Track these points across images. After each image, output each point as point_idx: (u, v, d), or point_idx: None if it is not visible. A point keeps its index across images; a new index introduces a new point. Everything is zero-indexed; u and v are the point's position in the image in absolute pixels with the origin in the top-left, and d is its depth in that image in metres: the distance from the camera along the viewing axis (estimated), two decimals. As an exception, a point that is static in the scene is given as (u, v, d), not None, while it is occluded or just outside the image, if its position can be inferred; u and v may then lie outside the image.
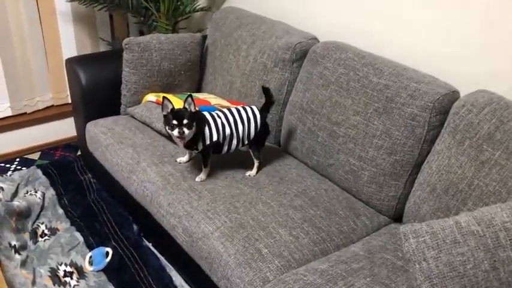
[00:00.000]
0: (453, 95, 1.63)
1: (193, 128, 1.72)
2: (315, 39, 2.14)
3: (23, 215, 2.12)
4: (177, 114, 1.69)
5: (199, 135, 1.76)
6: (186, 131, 1.69)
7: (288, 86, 2.12)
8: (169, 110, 1.71)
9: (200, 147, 1.79)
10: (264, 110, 1.91)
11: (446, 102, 1.62)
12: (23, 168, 2.65)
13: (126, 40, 2.21)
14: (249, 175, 1.91)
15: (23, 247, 1.98)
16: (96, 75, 2.32)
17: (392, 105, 1.69)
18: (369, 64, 1.82)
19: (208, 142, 1.78)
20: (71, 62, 2.33)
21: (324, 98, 1.91)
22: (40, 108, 2.88)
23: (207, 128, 1.77)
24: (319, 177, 1.95)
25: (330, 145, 1.88)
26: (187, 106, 1.71)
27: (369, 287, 1.37)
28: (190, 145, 1.79)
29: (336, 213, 1.74)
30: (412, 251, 1.19)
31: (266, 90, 1.89)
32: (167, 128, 1.72)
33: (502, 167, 1.40)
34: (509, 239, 1.17)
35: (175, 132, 1.69)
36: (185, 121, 1.68)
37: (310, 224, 1.65)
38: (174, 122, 1.68)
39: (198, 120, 1.74)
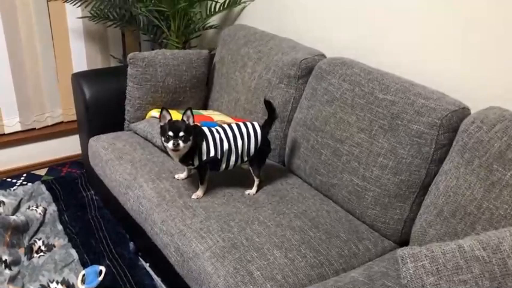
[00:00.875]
0: (463, 112, 1.53)
1: (189, 142, 1.66)
2: (322, 55, 2.08)
3: (19, 229, 2.08)
4: (173, 125, 1.64)
5: (195, 150, 1.70)
6: (181, 143, 1.63)
7: (293, 103, 2.05)
8: (166, 121, 1.66)
9: (196, 162, 1.72)
10: (266, 126, 1.84)
11: (455, 119, 1.52)
12: (29, 184, 2.63)
13: (130, 55, 2.20)
14: (249, 194, 1.83)
15: (16, 262, 1.93)
16: (101, 91, 2.31)
17: (398, 122, 1.60)
18: (375, 80, 1.73)
19: (205, 158, 1.72)
20: (77, 77, 2.32)
21: (328, 115, 1.83)
22: (49, 124, 2.89)
23: (204, 143, 1.71)
24: (322, 197, 1.85)
25: (334, 164, 1.79)
26: (185, 119, 1.66)
27: (366, 316, 1.26)
28: (185, 160, 1.73)
29: (337, 236, 1.63)
30: (409, 276, 1.09)
31: (268, 104, 1.82)
32: (162, 139, 1.67)
33: (514, 189, 1.28)
34: (519, 267, 1.05)
35: (170, 144, 1.63)
36: (181, 133, 1.63)
37: (308, 247, 1.55)
38: (170, 133, 1.63)
39: (195, 134, 1.68)
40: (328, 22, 2.17)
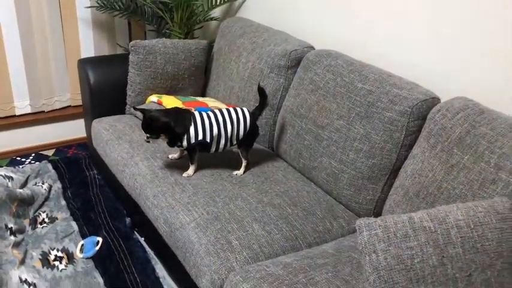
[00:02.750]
0: (433, 101, 1.65)
1: (163, 136, 1.84)
2: (311, 47, 2.20)
3: (25, 202, 2.23)
4: (143, 125, 1.85)
5: (184, 133, 1.84)
6: (151, 141, 1.87)
7: (282, 92, 2.18)
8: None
9: (185, 144, 1.86)
10: (256, 111, 1.97)
11: (425, 108, 1.63)
12: (36, 163, 2.80)
13: (132, 42, 2.34)
14: (236, 174, 1.96)
15: (21, 231, 2.09)
16: (105, 76, 2.45)
17: (373, 110, 1.72)
18: (356, 71, 1.85)
19: (193, 141, 1.86)
20: (83, 63, 2.47)
21: (312, 103, 1.96)
22: (57, 107, 3.05)
23: (192, 127, 1.85)
24: (305, 179, 1.98)
25: (315, 148, 1.91)
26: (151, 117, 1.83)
27: (329, 281, 1.39)
28: (173, 143, 1.87)
29: (314, 213, 1.76)
30: (364, 243, 1.21)
31: (261, 91, 1.95)
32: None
33: (469, 171, 1.40)
34: (461, 237, 1.17)
35: (145, 138, 1.87)
36: (148, 135, 1.85)
37: (285, 222, 1.69)
38: (145, 133, 1.85)
39: (176, 122, 1.82)
40: (320, 15, 2.29)
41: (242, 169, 1.97)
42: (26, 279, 1.79)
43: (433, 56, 1.80)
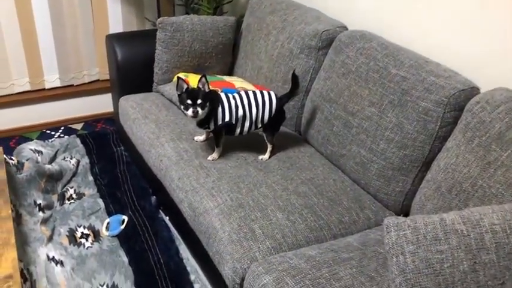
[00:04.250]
0: (471, 91, 1.56)
1: (207, 108, 1.76)
2: (344, 27, 2.11)
3: (53, 177, 2.27)
4: (191, 94, 1.74)
5: (211, 115, 1.80)
6: (199, 110, 1.74)
7: (312, 74, 2.11)
8: (183, 90, 1.76)
9: (212, 126, 1.83)
10: (284, 97, 1.91)
11: (462, 98, 1.55)
12: (66, 136, 2.83)
13: (160, 19, 2.29)
14: (261, 159, 1.93)
15: (49, 207, 2.13)
16: (133, 53, 2.43)
17: (407, 98, 1.64)
18: (391, 55, 1.76)
19: (220, 122, 1.82)
20: (110, 38, 2.45)
21: (342, 87, 1.88)
22: (86, 81, 3.06)
23: (220, 109, 1.81)
24: (332, 167, 1.93)
25: (344, 135, 1.85)
26: (200, 86, 1.75)
27: (353, 277, 1.36)
28: (202, 124, 1.84)
29: (340, 203, 1.72)
30: (391, 243, 1.17)
31: (295, 78, 1.89)
32: (182, 107, 1.78)
33: (508, 169, 1.32)
34: (495, 242, 1.11)
35: (190, 111, 1.74)
36: (199, 101, 1.73)
37: (310, 211, 1.65)
38: (189, 101, 1.73)
39: (211, 100, 1.78)
40: (354, -6, 2.18)
41: (267, 154, 1.94)
42: (53, 257, 1.83)
43: (474, 42, 1.69)
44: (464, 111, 1.51)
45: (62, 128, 3.01)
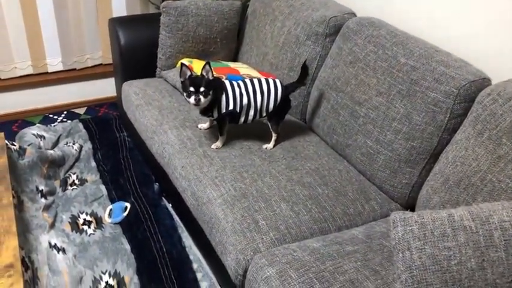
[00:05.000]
0: (482, 83, 1.51)
1: (210, 97, 1.72)
2: (352, 14, 2.06)
3: (56, 163, 2.25)
4: (194, 81, 1.70)
5: (215, 102, 1.77)
6: (202, 98, 1.70)
7: (318, 61, 2.06)
8: (186, 77, 1.72)
9: (216, 114, 1.80)
10: (290, 86, 1.87)
11: (473, 89, 1.51)
12: (68, 121, 2.81)
13: (164, 3, 2.25)
14: (266, 148, 1.90)
15: (51, 193, 2.12)
16: (136, 37, 2.39)
17: (416, 89, 1.60)
18: (400, 43, 1.72)
19: (224, 110, 1.79)
20: (113, 22, 2.40)
21: (350, 76, 1.84)
22: (89, 65, 3.02)
23: (224, 97, 1.78)
24: (337, 157, 1.90)
25: (350, 125, 1.82)
26: (204, 73, 1.71)
27: (357, 271, 1.34)
28: (206, 112, 1.81)
29: (345, 194, 1.69)
30: (397, 239, 1.14)
31: (305, 69, 1.86)
32: (184, 94, 1.74)
33: (518, 164, 1.29)
34: (504, 240, 1.09)
35: (192, 99, 1.70)
36: (202, 89, 1.69)
37: (314, 202, 1.63)
38: (191, 88, 1.70)
39: (215, 88, 1.74)
40: (363, -21, 2.13)
41: (272, 143, 1.91)
42: (55, 244, 1.82)
43: (486, 31, 1.64)
44: (474, 103, 1.47)
45: (65, 112, 2.98)
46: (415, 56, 1.65)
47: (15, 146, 2.12)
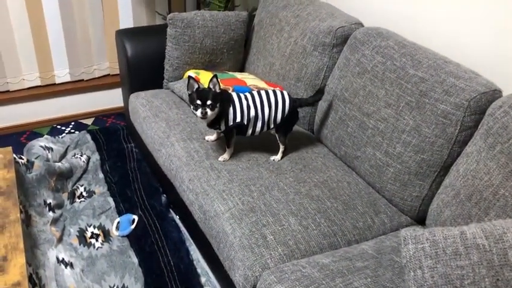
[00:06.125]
0: (493, 94, 1.49)
1: (217, 109, 1.72)
2: (360, 24, 2.04)
3: (64, 175, 2.25)
4: (201, 94, 1.69)
5: (222, 115, 1.76)
6: (209, 111, 1.69)
7: (325, 72, 2.05)
8: (194, 90, 1.71)
9: (223, 127, 1.79)
10: (299, 101, 1.86)
11: (484, 101, 1.48)
12: (76, 132, 2.81)
13: (170, 15, 2.24)
14: (273, 160, 1.88)
15: (59, 206, 2.12)
16: (143, 49, 2.38)
17: (426, 100, 1.58)
18: (408, 54, 1.70)
19: (231, 123, 1.78)
20: (120, 34, 2.41)
21: (358, 87, 1.82)
22: (96, 76, 3.02)
23: (231, 109, 1.77)
24: (346, 168, 1.88)
25: (359, 137, 1.80)
26: (211, 86, 1.70)
27: (368, 287, 1.32)
28: (213, 124, 1.80)
29: (354, 207, 1.67)
30: (409, 257, 1.12)
31: (321, 91, 1.90)
32: (191, 107, 1.73)
33: (532, 179, 1.26)
34: (519, 259, 1.06)
35: (198, 112, 1.70)
36: (209, 102, 1.68)
37: (323, 216, 1.61)
38: (198, 102, 1.69)
39: (222, 100, 1.73)
40: (370, -11, 2.11)
41: (280, 154, 1.89)
42: (62, 259, 1.81)
43: (497, 42, 1.62)
44: (485, 116, 1.44)
45: (73, 123, 2.99)
46: (424, 67, 1.63)
47: (23, 159, 2.12)
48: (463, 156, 1.49)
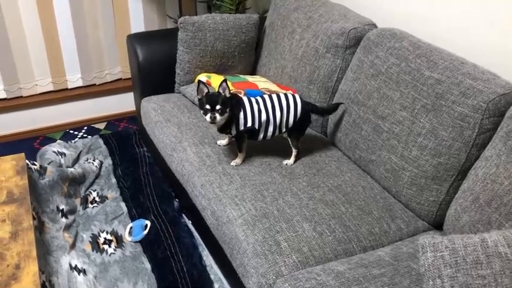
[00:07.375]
0: (513, 96, 1.45)
1: (226, 114, 1.70)
2: (373, 25, 2.01)
3: (76, 181, 2.25)
4: (210, 98, 1.68)
5: (233, 119, 1.74)
6: (218, 116, 1.68)
7: (338, 74, 2.02)
8: (203, 94, 1.70)
9: (234, 132, 1.77)
10: (312, 106, 1.86)
11: (503, 103, 1.44)
12: (89, 137, 2.82)
13: (181, 19, 2.23)
14: (286, 164, 1.86)
15: (72, 211, 2.12)
16: (154, 53, 2.38)
17: (442, 103, 1.54)
18: (423, 55, 1.66)
19: (242, 128, 1.76)
20: (131, 38, 2.40)
21: (372, 89, 1.79)
22: (108, 80, 3.03)
23: (241, 114, 1.75)
24: (360, 172, 1.85)
25: (373, 140, 1.77)
26: (221, 91, 1.69)
27: (385, 296, 1.28)
28: (224, 129, 1.78)
29: (370, 212, 1.64)
30: (427, 265, 1.09)
31: (336, 106, 1.91)
32: (201, 112, 1.72)
33: (555, 183, 1.22)
34: (543, 268, 1.02)
35: (208, 117, 1.68)
36: (218, 106, 1.67)
37: (338, 222, 1.58)
38: (207, 106, 1.67)
39: (232, 105, 1.71)
40: (383, -11, 2.08)
41: (292, 158, 1.87)
42: (75, 265, 1.81)
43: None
44: (504, 118, 1.40)
45: (85, 127, 2.99)
46: (440, 68, 1.59)
47: (35, 165, 2.12)
48: (481, 159, 1.45)
